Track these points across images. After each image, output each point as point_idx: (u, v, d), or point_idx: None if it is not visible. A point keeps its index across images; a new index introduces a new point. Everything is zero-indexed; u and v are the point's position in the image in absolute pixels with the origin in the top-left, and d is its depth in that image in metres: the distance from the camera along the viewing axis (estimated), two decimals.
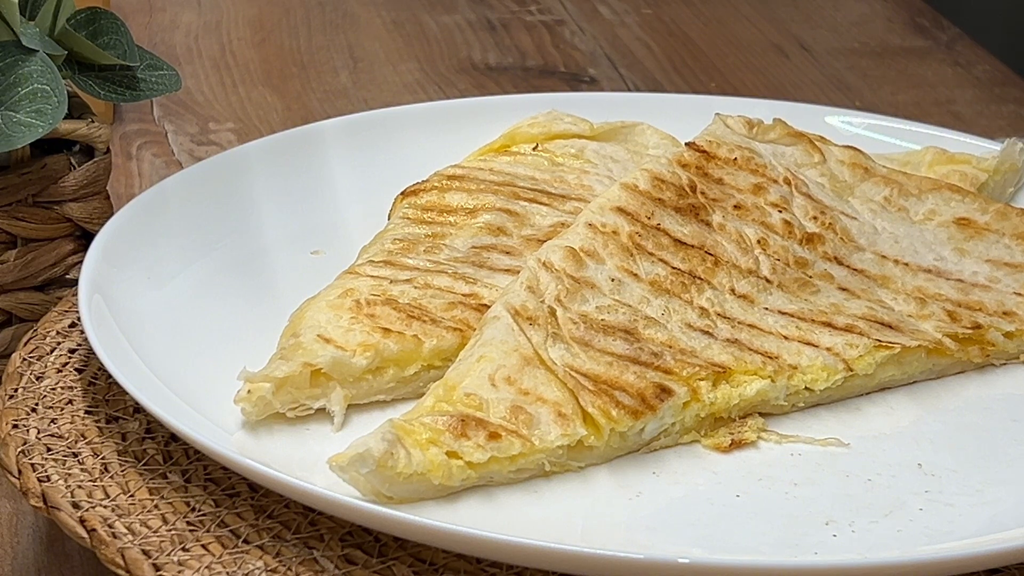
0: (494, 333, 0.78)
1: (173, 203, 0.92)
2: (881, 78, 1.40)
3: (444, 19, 1.49)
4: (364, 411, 0.80)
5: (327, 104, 1.31)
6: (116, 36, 0.90)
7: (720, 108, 0.98)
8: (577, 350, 0.78)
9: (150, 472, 0.75)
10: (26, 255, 0.89)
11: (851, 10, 1.55)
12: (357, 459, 0.71)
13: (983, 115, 1.33)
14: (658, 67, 1.40)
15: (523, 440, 0.74)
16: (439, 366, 0.81)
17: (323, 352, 0.79)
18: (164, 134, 1.25)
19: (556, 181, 0.95)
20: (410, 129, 1.03)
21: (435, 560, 0.70)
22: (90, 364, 0.82)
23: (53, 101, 0.84)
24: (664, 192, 0.87)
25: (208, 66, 1.37)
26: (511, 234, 0.89)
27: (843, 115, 1.06)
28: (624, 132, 1.00)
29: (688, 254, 0.85)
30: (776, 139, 0.93)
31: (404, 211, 0.92)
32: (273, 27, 1.46)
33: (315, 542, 0.71)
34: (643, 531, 0.73)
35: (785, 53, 1.45)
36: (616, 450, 0.77)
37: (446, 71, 1.38)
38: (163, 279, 0.87)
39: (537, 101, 1.05)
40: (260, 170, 0.97)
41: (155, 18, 1.46)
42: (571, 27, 1.48)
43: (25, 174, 0.88)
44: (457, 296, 0.84)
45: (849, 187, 0.93)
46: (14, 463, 0.75)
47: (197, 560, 0.69)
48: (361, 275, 0.85)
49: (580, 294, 0.81)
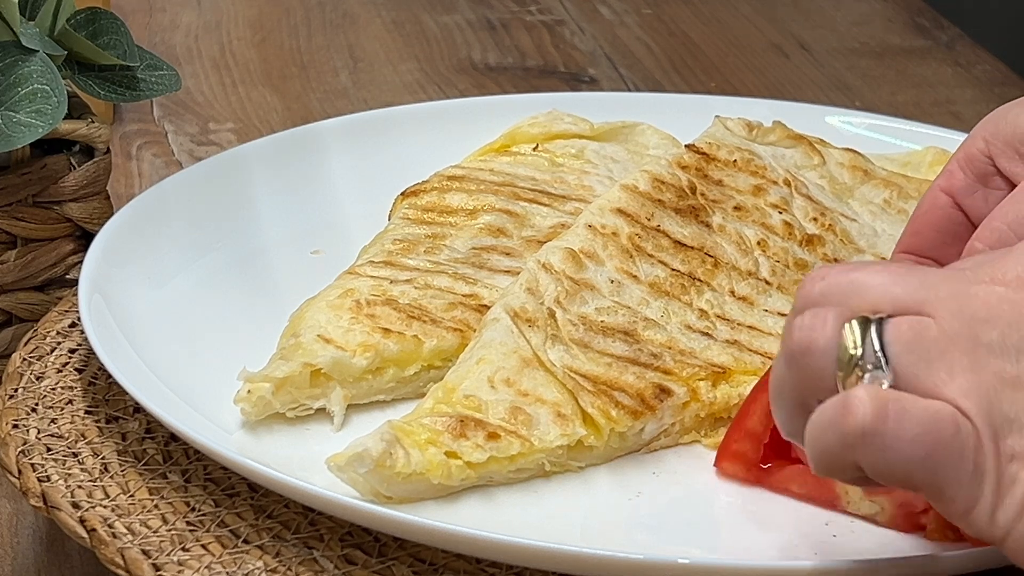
0: (493, 335, 0.78)
1: (173, 203, 0.92)
2: (881, 78, 1.40)
3: (444, 19, 1.49)
4: (364, 411, 0.80)
5: (327, 104, 1.31)
6: (116, 36, 0.90)
7: (720, 108, 0.98)
8: (576, 351, 0.78)
9: (150, 472, 0.75)
10: (26, 255, 0.89)
11: (851, 10, 1.55)
12: (355, 459, 0.71)
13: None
14: (658, 67, 1.40)
15: (522, 440, 0.74)
16: (439, 366, 0.81)
17: (323, 352, 0.79)
18: (164, 134, 1.25)
19: (556, 181, 0.95)
20: (410, 129, 1.03)
21: (435, 560, 0.70)
22: (90, 364, 0.82)
23: (53, 101, 0.84)
24: (664, 193, 0.87)
25: (208, 66, 1.37)
26: (511, 235, 0.90)
27: (843, 115, 1.06)
28: (624, 132, 1.00)
29: (688, 255, 0.85)
30: (776, 141, 0.93)
31: (404, 211, 0.92)
32: (273, 27, 1.46)
33: (315, 542, 0.71)
34: (643, 531, 0.73)
35: (785, 53, 1.44)
36: (616, 450, 0.77)
37: (446, 71, 1.38)
38: (163, 279, 0.87)
39: (537, 101, 1.05)
40: (260, 170, 0.97)
41: (155, 18, 1.46)
42: (571, 27, 1.48)
43: (25, 174, 0.88)
44: (457, 297, 0.84)
45: (849, 189, 0.93)
46: (14, 463, 0.75)
47: (197, 560, 0.69)
48: (361, 275, 0.85)
49: (580, 296, 0.81)
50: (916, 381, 0.56)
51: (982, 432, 0.55)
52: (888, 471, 0.56)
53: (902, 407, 0.55)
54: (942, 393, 0.56)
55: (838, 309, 0.58)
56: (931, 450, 0.55)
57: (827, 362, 0.57)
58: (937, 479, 0.56)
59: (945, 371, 0.56)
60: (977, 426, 0.55)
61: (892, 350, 0.56)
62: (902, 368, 0.56)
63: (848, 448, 0.56)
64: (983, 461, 0.55)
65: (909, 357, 0.56)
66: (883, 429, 0.55)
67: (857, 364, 0.56)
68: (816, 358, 0.57)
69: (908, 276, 0.58)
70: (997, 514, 0.56)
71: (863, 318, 0.57)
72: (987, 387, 0.55)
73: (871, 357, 0.56)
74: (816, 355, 0.57)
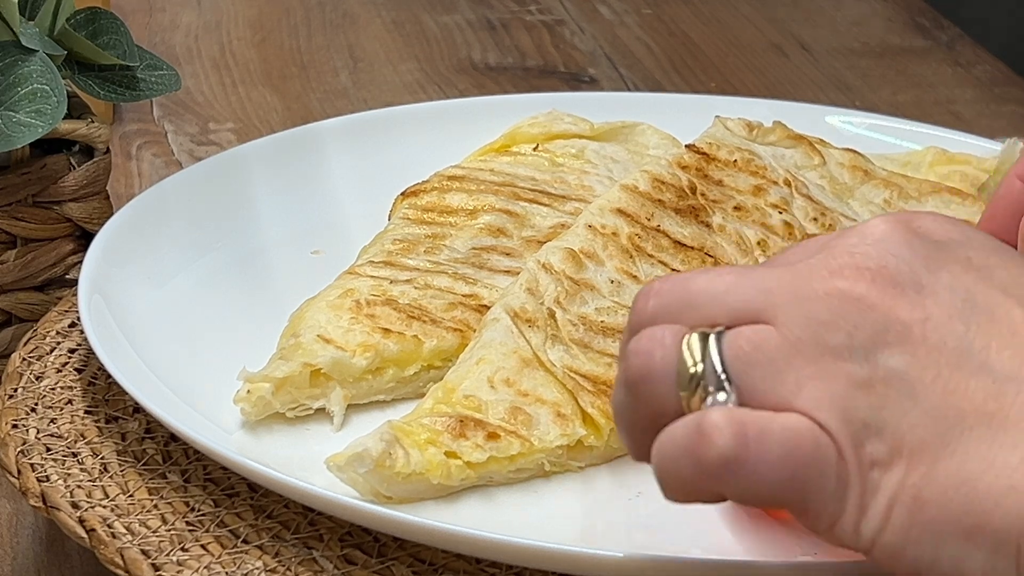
0: (493, 335, 0.78)
1: (173, 203, 0.92)
2: (881, 78, 1.40)
3: (444, 19, 1.49)
4: (364, 411, 0.80)
5: (327, 104, 1.31)
6: (116, 36, 0.90)
7: (720, 108, 0.98)
8: (576, 351, 0.78)
9: (149, 472, 0.75)
10: (26, 255, 0.89)
11: (851, 10, 1.55)
12: (355, 459, 0.71)
13: (983, 115, 1.33)
14: (658, 67, 1.40)
15: (522, 440, 0.74)
16: (439, 366, 0.81)
17: (323, 352, 0.79)
18: (164, 134, 1.25)
19: (556, 181, 0.95)
20: (410, 129, 1.03)
21: (434, 560, 0.70)
22: (90, 364, 0.82)
23: (53, 101, 0.84)
24: (664, 193, 0.87)
25: (208, 66, 1.37)
26: (511, 235, 0.89)
27: (843, 115, 1.06)
28: (624, 132, 1.00)
29: (688, 256, 0.85)
30: (776, 141, 0.93)
31: (404, 211, 0.92)
32: (273, 27, 1.46)
33: (314, 542, 0.71)
34: (643, 531, 0.73)
35: (785, 53, 1.44)
36: (616, 450, 0.77)
37: (446, 71, 1.38)
38: (163, 279, 0.87)
39: (537, 101, 1.05)
40: (260, 170, 0.97)
41: (155, 18, 1.46)
42: (571, 27, 1.48)
43: (25, 174, 0.88)
44: (457, 297, 0.84)
45: (849, 189, 0.93)
46: (13, 463, 0.75)
47: (196, 560, 0.69)
48: (361, 275, 0.85)
49: (579, 296, 0.81)
50: (763, 396, 0.53)
51: (841, 442, 0.52)
52: (753, 496, 0.53)
53: (760, 428, 0.52)
54: (793, 406, 0.52)
55: (673, 328, 0.54)
56: (795, 470, 0.52)
57: (667, 386, 0.54)
58: (803, 496, 0.53)
59: (793, 382, 0.53)
60: (835, 437, 0.52)
61: (733, 367, 0.53)
62: (746, 384, 0.53)
63: (708, 478, 0.53)
64: (846, 473, 0.52)
65: (753, 372, 0.53)
66: (744, 456, 0.52)
67: (699, 383, 0.53)
68: (656, 384, 0.54)
69: (744, 282, 0.55)
70: (861, 526, 0.53)
71: (701, 333, 0.54)
72: (838, 394, 0.52)
73: (712, 376, 0.53)
74: (655, 381, 0.54)
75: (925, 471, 0.52)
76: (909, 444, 0.52)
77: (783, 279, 0.54)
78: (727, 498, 0.54)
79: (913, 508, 0.52)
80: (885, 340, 0.53)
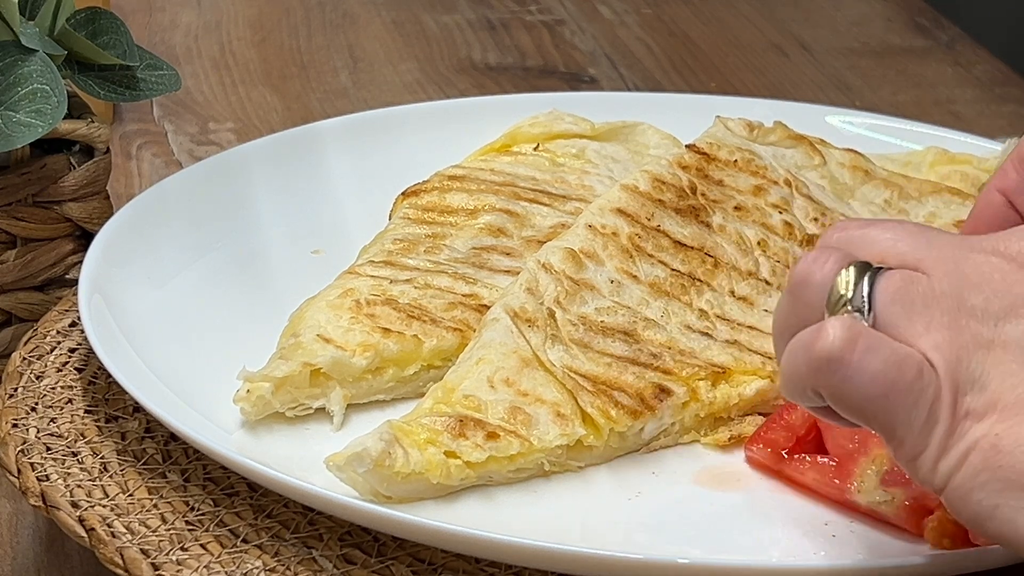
0: (493, 335, 0.78)
1: (173, 203, 0.92)
2: (881, 78, 1.40)
3: (444, 19, 1.49)
4: (364, 411, 0.80)
5: (327, 104, 1.31)
6: (116, 36, 0.90)
7: (720, 108, 0.98)
8: (576, 351, 0.78)
9: (149, 471, 0.75)
10: (26, 255, 0.89)
11: (851, 10, 1.55)
12: (354, 458, 0.71)
13: (983, 115, 1.33)
14: (658, 67, 1.40)
15: (522, 440, 0.74)
16: (439, 366, 0.81)
17: (323, 352, 0.79)
18: (164, 134, 1.25)
19: (557, 181, 0.95)
20: (410, 129, 1.03)
21: (434, 560, 0.70)
22: (90, 363, 0.82)
23: (53, 101, 0.84)
24: (664, 193, 0.87)
25: (208, 66, 1.37)
26: (511, 235, 0.89)
27: (843, 115, 1.06)
28: (625, 132, 1.00)
29: (688, 256, 0.85)
30: (776, 141, 0.93)
31: (404, 211, 0.92)
32: (273, 27, 1.46)
33: (314, 541, 0.71)
34: (643, 531, 0.73)
35: (785, 53, 1.44)
36: (615, 450, 0.77)
37: (446, 71, 1.38)
38: (163, 279, 0.87)
39: (537, 101, 1.05)
40: (260, 170, 0.97)
41: (155, 18, 1.46)
42: (571, 27, 1.48)
43: (25, 174, 0.88)
44: (457, 296, 0.84)
45: (849, 189, 0.93)
46: (13, 462, 0.75)
47: (196, 559, 0.69)
48: (361, 275, 0.85)
49: (579, 296, 0.81)
50: (894, 330, 0.58)
51: (944, 384, 0.57)
52: (845, 401, 0.58)
53: (870, 343, 0.58)
54: (915, 343, 0.58)
55: (842, 252, 0.60)
56: (889, 389, 0.57)
57: (819, 297, 0.60)
58: (890, 418, 0.58)
59: (923, 324, 0.58)
60: (941, 377, 0.57)
61: (879, 298, 0.59)
62: (883, 315, 0.58)
63: (812, 371, 0.58)
64: (938, 411, 0.57)
65: (892, 307, 0.58)
66: (848, 359, 0.57)
67: (844, 304, 0.59)
68: (810, 290, 0.60)
69: (918, 235, 0.61)
70: (940, 463, 0.58)
71: (862, 264, 0.60)
72: (960, 345, 0.58)
73: (858, 301, 0.59)
74: (811, 288, 0.60)
75: (1010, 424, 0.57)
76: (1005, 401, 0.57)
77: (952, 242, 0.61)
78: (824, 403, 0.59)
79: (989, 454, 0.57)
80: (1017, 312, 0.58)
